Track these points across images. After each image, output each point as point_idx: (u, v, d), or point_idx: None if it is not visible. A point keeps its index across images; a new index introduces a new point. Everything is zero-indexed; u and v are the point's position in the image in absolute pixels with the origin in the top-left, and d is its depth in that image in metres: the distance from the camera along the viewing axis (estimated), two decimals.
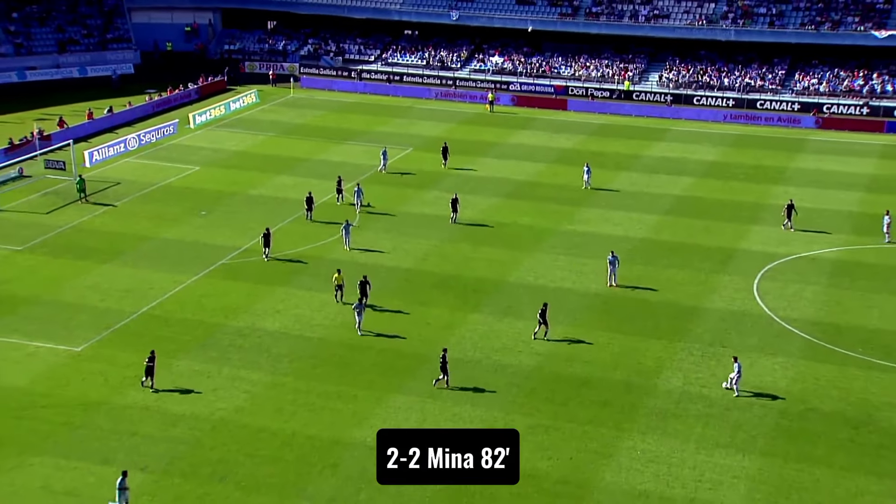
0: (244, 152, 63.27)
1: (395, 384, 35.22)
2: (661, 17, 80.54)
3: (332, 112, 74.42)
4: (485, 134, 68.84)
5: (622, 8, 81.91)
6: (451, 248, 47.77)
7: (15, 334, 38.05)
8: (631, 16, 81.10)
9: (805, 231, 50.32)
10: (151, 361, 34.50)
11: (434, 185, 56.66)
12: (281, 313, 40.53)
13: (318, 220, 50.83)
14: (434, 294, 42.75)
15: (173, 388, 34.56)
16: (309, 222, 50.19)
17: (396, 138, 66.89)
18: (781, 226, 50.48)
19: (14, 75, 76.81)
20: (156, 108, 72.67)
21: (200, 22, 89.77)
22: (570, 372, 36.46)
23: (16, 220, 50.10)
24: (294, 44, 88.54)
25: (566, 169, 60.81)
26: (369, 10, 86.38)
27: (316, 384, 35.18)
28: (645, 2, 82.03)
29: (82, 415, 32.79)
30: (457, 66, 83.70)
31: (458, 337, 38.76)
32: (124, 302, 41.11)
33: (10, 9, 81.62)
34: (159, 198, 54.09)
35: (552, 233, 50.14)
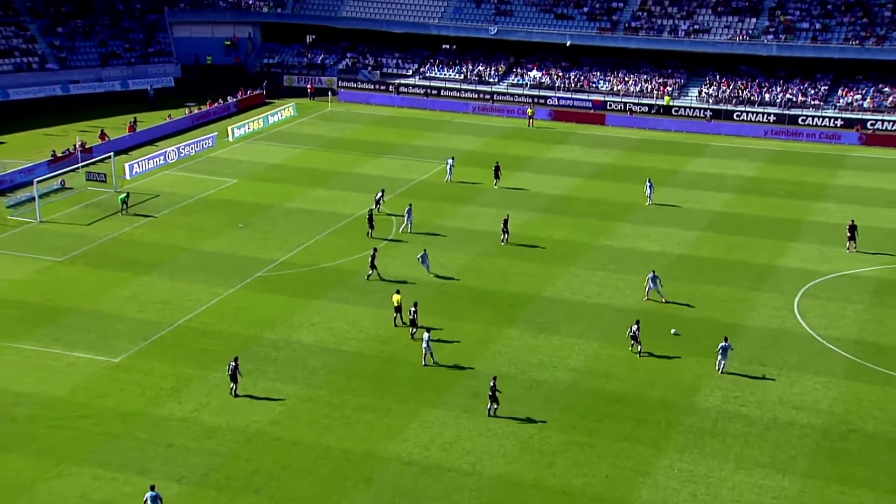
0: (281, 165, 63.85)
1: (430, 399, 35.26)
2: (702, 31, 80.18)
3: (369, 126, 74.90)
4: (522, 148, 68.87)
5: (662, 23, 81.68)
6: (486, 262, 47.79)
7: (56, 344, 38.65)
8: (671, 30, 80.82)
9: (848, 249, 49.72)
10: (235, 367, 35.11)
11: (471, 200, 56.76)
12: (316, 326, 40.78)
13: (355, 233, 51.10)
14: (470, 308, 42.77)
15: (209, 401, 34.87)
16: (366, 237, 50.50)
17: (433, 152, 67.13)
18: (845, 248, 49.58)
19: (58, 88, 78.22)
20: (195, 121, 73.62)
21: (240, 36, 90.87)
22: (606, 388, 36.27)
23: (57, 232, 50.94)
24: (332, 57, 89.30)
25: (603, 184, 60.63)
26: (408, 24, 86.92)
27: (350, 398, 35.32)
28: (685, 16, 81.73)
29: (120, 425, 33.19)
30: (494, 81, 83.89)
31: (494, 352, 38.72)
32: (162, 313, 41.60)
33: (56, 23, 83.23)
34: (197, 210, 54.73)
35: (589, 248, 49.98)
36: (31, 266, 46.22)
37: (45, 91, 77.46)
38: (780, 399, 35.29)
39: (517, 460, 31.82)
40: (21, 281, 44.58)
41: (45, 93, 77.40)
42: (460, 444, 32.64)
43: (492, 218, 53.46)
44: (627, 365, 37.97)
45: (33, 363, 37.11)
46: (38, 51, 79.75)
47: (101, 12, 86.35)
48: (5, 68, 77.04)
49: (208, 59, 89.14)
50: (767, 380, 36.76)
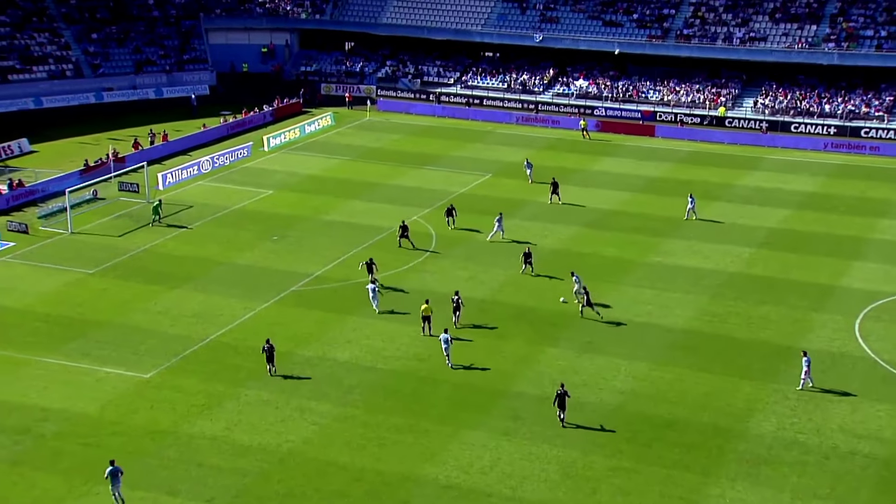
0: (318, 176, 64.32)
1: (468, 420, 35.21)
2: (758, 39, 79.59)
3: (408, 136, 75.23)
4: (567, 161, 68.74)
5: (715, 30, 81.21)
6: (528, 278, 47.67)
7: (86, 359, 39.19)
8: (725, 38, 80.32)
9: None
10: (271, 347, 37.44)
11: (514, 213, 56.73)
12: (352, 343, 40.94)
13: (393, 247, 51.27)
14: (510, 326, 42.70)
15: (241, 419, 35.12)
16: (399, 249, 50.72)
17: (475, 164, 67.24)
18: None
19: (92, 96, 79.57)
20: (230, 131, 74.45)
21: (277, 43, 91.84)
22: (655, 412, 35.96)
23: (89, 243, 51.72)
24: (371, 65, 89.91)
25: (652, 198, 60.30)
26: (450, 31, 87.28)
27: (386, 417, 35.38)
28: (740, 24, 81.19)
29: (150, 443, 33.53)
30: (539, 90, 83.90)
31: (536, 372, 38.59)
32: (194, 328, 42.02)
33: (90, 30, 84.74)
34: (231, 222, 55.28)
35: (637, 265, 49.69)
36: (61, 278, 46.97)
37: (79, 99, 78.83)
38: (840, 426, 34.75)
39: (559, 486, 31.63)
40: (51, 293, 45.31)
41: (79, 101, 78.76)
42: (500, 467, 32.53)
43: (535, 232, 53.36)
44: (677, 388, 37.63)
45: (62, 378, 37.65)
46: (72, 58, 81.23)
47: (135, 18, 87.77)
48: (39, 75, 78.57)
49: (244, 66, 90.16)
50: (826, 406, 36.17)
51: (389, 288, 45.80)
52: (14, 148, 68.44)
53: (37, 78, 78.29)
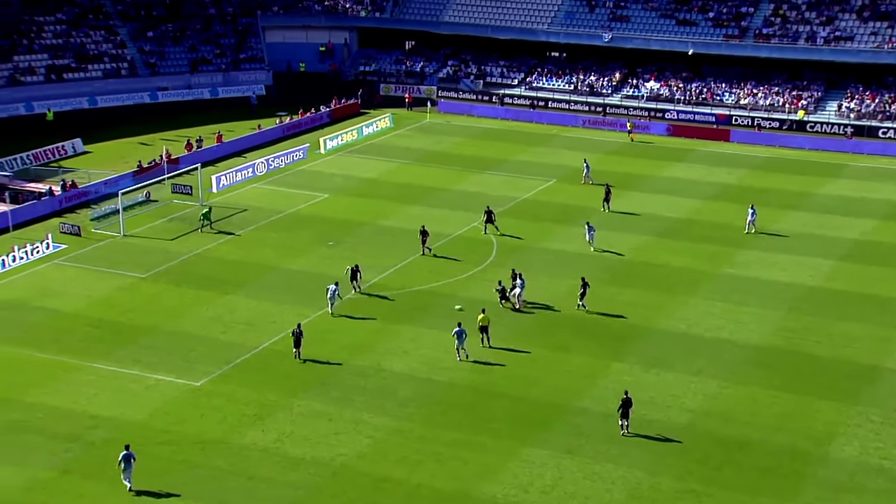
0: (376, 180, 64.70)
1: (528, 436, 35.09)
2: (844, 39, 78.22)
3: (470, 139, 75.32)
4: (635, 166, 68.23)
5: (797, 29, 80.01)
6: (594, 289, 47.33)
7: (136, 366, 39.87)
8: (807, 38, 79.08)
9: None
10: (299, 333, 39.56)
11: (577, 221, 56.43)
12: (408, 354, 41.06)
13: (450, 255, 51.37)
14: (573, 339, 42.47)
15: (293, 430, 35.42)
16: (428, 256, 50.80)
17: (539, 168, 67.10)
18: None
19: (146, 96, 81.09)
20: (286, 132, 75.28)
21: (336, 42, 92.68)
22: (727, 433, 35.47)
23: (141, 247, 52.67)
24: (432, 65, 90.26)
25: (726, 206, 59.56)
26: (514, 30, 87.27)
27: (443, 432, 35.40)
28: (824, 22, 79.87)
29: (200, 453, 33.97)
30: (607, 92, 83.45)
31: (601, 388, 38.32)
32: (246, 335, 42.51)
33: (146, 28, 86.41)
34: (286, 226, 55.86)
35: (708, 276, 49.11)
36: (113, 282, 47.88)
37: (133, 98, 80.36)
38: None
39: None
40: (102, 298, 46.20)
41: (133, 100, 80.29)
42: (562, 487, 32.35)
43: (601, 240, 53.02)
44: (751, 407, 37.08)
45: (112, 385, 38.35)
46: (128, 56, 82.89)
47: (192, 16, 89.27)
48: (94, 74, 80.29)
49: (301, 65, 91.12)
50: None
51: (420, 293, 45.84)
52: (68, 148, 70.00)
53: (91, 77, 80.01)
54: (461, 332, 40.32)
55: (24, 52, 78.63)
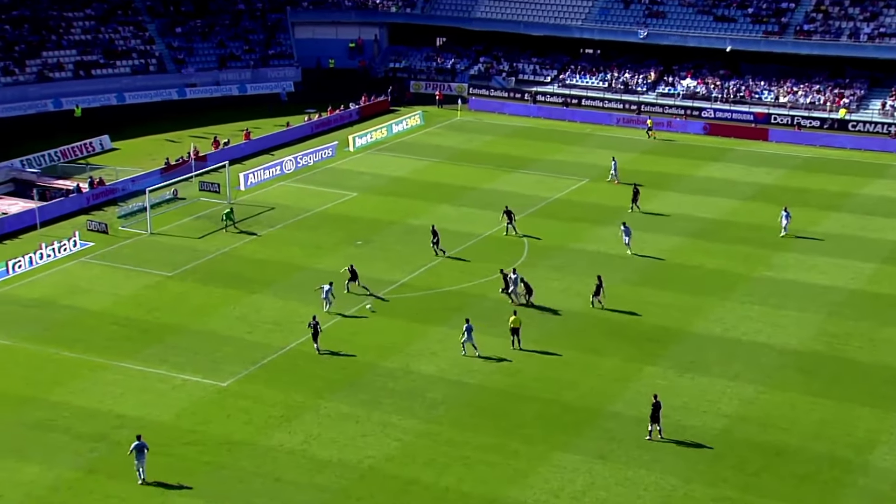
0: (405, 178, 64.80)
1: (560, 441, 35.01)
2: (888, 35, 77.36)
3: (501, 137, 75.25)
4: (671, 166, 67.90)
5: (840, 25, 79.22)
6: (627, 291, 47.20)
7: (163, 365, 40.17)
8: (850, 34, 78.30)
9: None
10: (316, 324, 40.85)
11: (610, 221, 56.22)
12: (437, 355, 41.09)
13: (480, 255, 51.35)
14: (607, 342, 42.33)
15: (321, 432, 35.54)
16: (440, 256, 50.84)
17: (572, 168, 66.92)
18: None
19: (174, 92, 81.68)
20: (314, 129, 75.56)
21: (366, 38, 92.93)
22: (764, 439, 35.21)
23: (168, 245, 53.05)
24: (464, 62, 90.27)
25: (763, 207, 59.13)
26: (548, 26, 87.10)
27: (473, 435, 35.40)
28: (868, 18, 79.05)
29: (226, 455, 34.18)
30: (642, 90, 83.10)
31: (633, 392, 38.17)
32: (273, 335, 42.71)
33: (174, 23, 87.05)
34: (314, 225, 56.05)
35: (745, 279, 48.77)
36: (140, 280, 48.26)
37: (161, 95, 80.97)
38: None
39: None
40: (129, 296, 46.59)
41: (161, 97, 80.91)
42: (594, 493, 32.25)
43: (635, 241, 52.73)
44: (789, 413, 36.78)
45: (138, 384, 38.65)
46: (156, 52, 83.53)
47: (220, 11, 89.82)
48: (122, 70, 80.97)
49: (331, 62, 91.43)
50: None
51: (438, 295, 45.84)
52: (95, 145, 70.65)
53: (120, 73, 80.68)
54: (469, 329, 40.61)
55: (52, 48, 79.45)
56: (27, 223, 55.17)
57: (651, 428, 34.95)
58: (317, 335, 41.11)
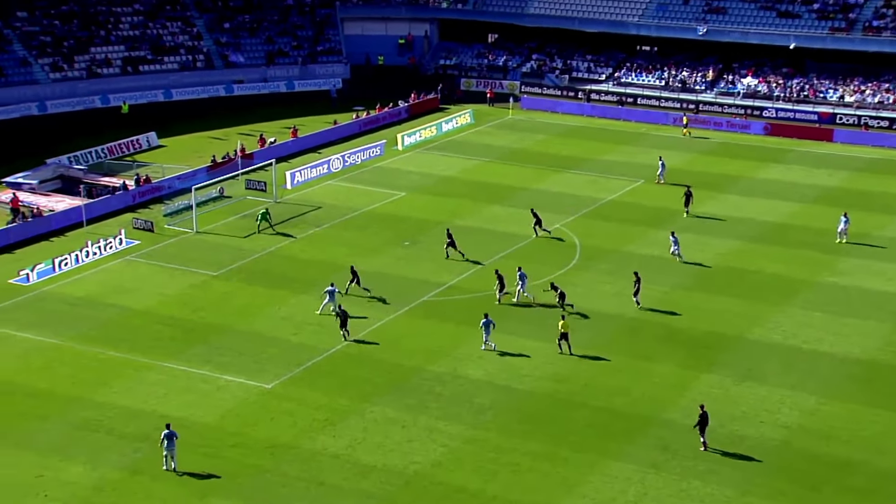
0: (454, 178, 64.88)
1: (611, 449, 34.84)
2: None
3: (553, 136, 75.06)
4: (730, 167, 67.27)
5: None
6: (682, 296, 46.85)
7: (207, 366, 40.62)
8: None
9: None
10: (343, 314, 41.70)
11: (665, 224, 55.83)
12: (486, 360, 41.08)
13: (531, 257, 51.26)
14: (660, 348, 42.05)
15: (365, 437, 35.70)
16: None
17: (626, 168, 66.56)
18: None
19: (222, 89, 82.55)
20: (363, 127, 75.93)
21: (416, 34, 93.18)
22: (825, 451, 34.77)
23: (213, 243, 53.61)
24: (516, 59, 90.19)
25: (826, 210, 58.36)
26: (603, 22, 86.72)
27: (521, 442, 35.35)
28: None
29: (270, 458, 34.46)
30: (701, 88, 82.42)
31: (688, 399, 37.88)
32: (318, 337, 42.99)
33: (223, 19, 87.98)
34: (361, 225, 56.32)
35: (806, 284, 48.18)
36: (185, 280, 48.84)
37: (209, 91, 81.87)
38: None
39: None
40: (174, 295, 47.17)
41: (208, 93, 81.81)
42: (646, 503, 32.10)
43: (689, 245, 52.39)
44: (851, 425, 36.27)
45: (182, 385, 39.12)
46: (204, 48, 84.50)
47: (269, 7, 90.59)
48: (170, 66, 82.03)
49: (380, 58, 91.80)
50: None
51: (520, 305, 45.78)
52: (142, 142, 71.63)
53: (167, 69, 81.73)
54: (488, 323, 41.21)
55: (101, 44, 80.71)
56: (74, 220, 56.09)
57: (704, 439, 34.65)
58: (345, 322, 42.04)
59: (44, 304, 46.21)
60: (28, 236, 53.92)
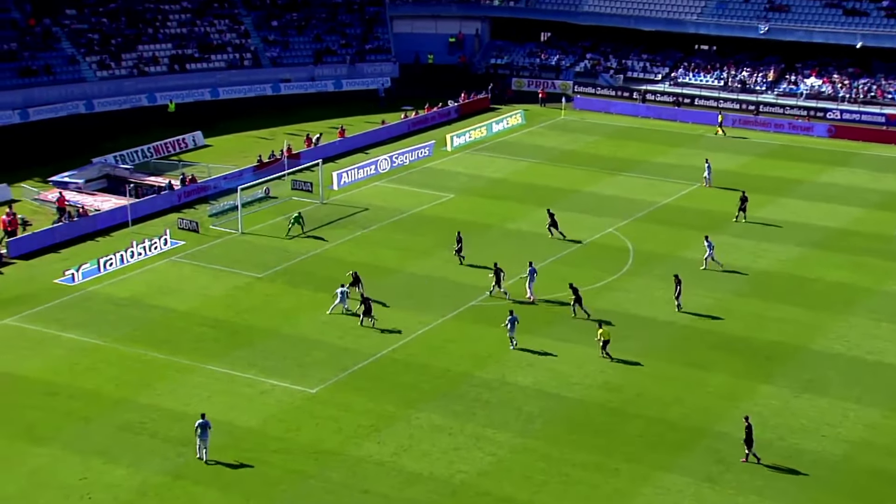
0: (504, 180, 64.82)
1: (664, 461, 34.58)
2: None
3: (607, 138, 74.73)
4: (791, 170, 66.54)
5: None
6: (739, 303, 46.39)
7: (251, 369, 40.93)
8: None
9: None
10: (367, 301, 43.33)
11: (722, 229, 55.35)
12: (535, 366, 40.99)
13: (583, 262, 51.07)
14: (716, 357, 41.67)
15: (412, 444, 35.76)
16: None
17: (682, 171, 66.08)
18: None
19: (269, 88, 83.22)
20: (411, 127, 76.13)
21: (466, 32, 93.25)
22: (889, 467, 34.25)
23: (258, 245, 54.05)
24: (569, 59, 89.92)
25: (891, 216, 57.56)
26: (660, 20, 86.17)
27: (571, 452, 35.20)
28: None
29: (314, 464, 34.63)
30: (761, 89, 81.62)
31: (745, 411, 37.43)
32: (363, 341, 43.14)
33: (270, 16, 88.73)
34: (408, 227, 56.46)
35: (871, 293, 47.49)
36: (229, 281, 49.28)
37: (255, 90, 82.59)
38: None
39: None
40: (218, 297, 47.61)
41: (255, 92, 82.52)
42: None
43: (747, 251, 51.91)
44: None
45: (225, 388, 39.45)
46: (251, 46, 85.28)
47: (317, 4, 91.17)
48: (217, 65, 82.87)
49: (430, 57, 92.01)
50: None
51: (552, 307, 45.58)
52: (188, 141, 72.42)
53: (214, 67, 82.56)
54: (514, 320, 41.81)
55: (148, 42, 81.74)
56: (119, 220, 56.83)
57: (748, 451, 34.26)
58: (368, 311, 43.49)
59: (89, 304, 46.87)
60: (74, 236, 54.72)
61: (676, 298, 45.46)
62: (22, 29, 78.00)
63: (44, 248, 53.05)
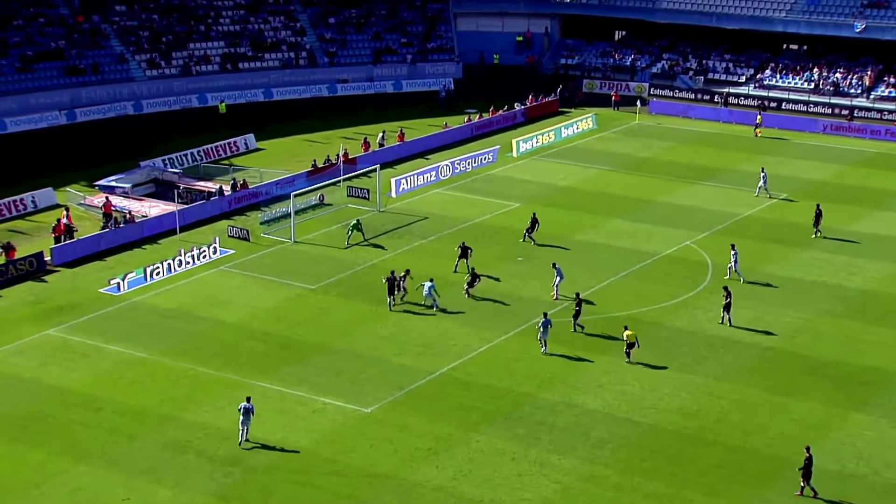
0: (574, 188, 64.65)
1: (746, 494, 34.18)
2: None
3: (684, 144, 74.24)
4: (888, 181, 65.60)
5: None
6: (831, 324, 45.75)
7: (303, 386, 41.21)
8: None
9: None
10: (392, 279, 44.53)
11: (810, 244, 54.64)
12: (604, 388, 40.77)
13: (654, 279, 50.72)
14: (804, 382, 41.12)
15: (471, 468, 35.73)
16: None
17: None
18: None
19: (325, 88, 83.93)
20: (475, 132, 76.26)
21: (535, 31, 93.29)
22: None
23: (312, 254, 54.44)
24: (645, 59, 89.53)
25: None
26: (745, 18, 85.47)
27: (643, 481, 34.93)
28: None
29: (367, 488, 34.75)
30: (856, 92, 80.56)
31: (835, 441, 36.94)
32: (422, 359, 43.23)
33: (328, 13, 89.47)
34: (471, 237, 56.31)
35: None
36: (281, 293, 49.69)
37: (311, 91, 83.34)
38: None
39: None
40: (270, 309, 48.02)
41: (310, 93, 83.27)
42: None
43: (839, 267, 51.19)
44: None
45: (276, 406, 39.74)
46: (307, 45, 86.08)
47: (377, 1, 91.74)
48: (271, 63, 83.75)
49: (495, 57, 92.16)
50: None
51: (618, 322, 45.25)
52: (240, 144, 73.20)
53: (268, 66, 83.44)
54: (546, 323, 42.79)
55: (199, 40, 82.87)
56: (167, 227, 57.58)
57: (804, 484, 33.63)
58: (392, 289, 44.10)
59: (134, 315, 47.55)
60: (119, 243, 55.54)
61: (726, 311, 45.29)
62: (69, 26, 79.60)
63: (88, 256, 53.94)
